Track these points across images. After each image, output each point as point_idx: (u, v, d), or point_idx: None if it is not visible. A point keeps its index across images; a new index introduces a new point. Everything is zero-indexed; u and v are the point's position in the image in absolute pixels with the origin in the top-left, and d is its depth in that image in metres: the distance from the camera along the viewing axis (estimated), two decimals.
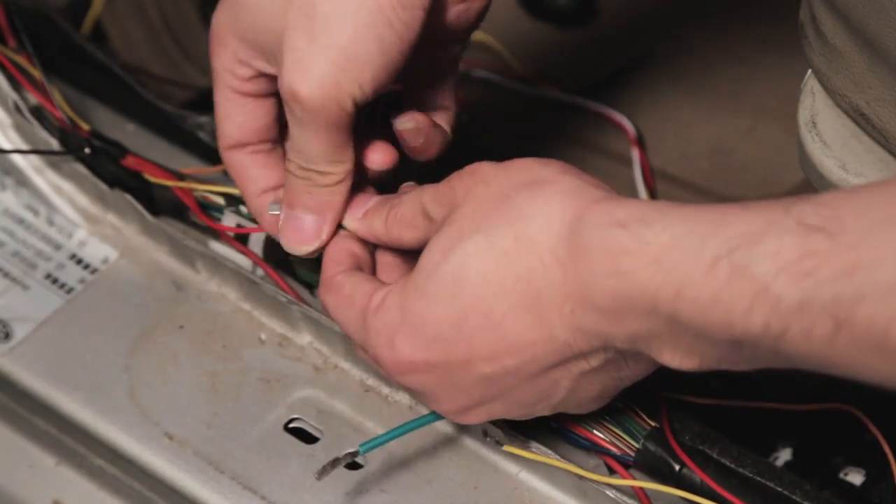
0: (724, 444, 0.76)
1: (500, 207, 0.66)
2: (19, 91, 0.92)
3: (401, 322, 0.68)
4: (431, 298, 0.66)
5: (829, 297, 0.55)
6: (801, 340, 0.56)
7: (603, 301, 0.62)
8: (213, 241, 0.88)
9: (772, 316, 0.56)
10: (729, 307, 0.57)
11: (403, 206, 0.72)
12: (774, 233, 0.56)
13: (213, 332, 0.86)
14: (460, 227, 0.66)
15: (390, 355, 0.68)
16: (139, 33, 1.07)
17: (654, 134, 1.03)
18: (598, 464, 0.77)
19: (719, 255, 0.58)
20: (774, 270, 0.56)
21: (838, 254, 0.55)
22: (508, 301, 0.64)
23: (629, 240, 0.60)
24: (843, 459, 0.81)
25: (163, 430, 0.81)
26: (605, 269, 0.61)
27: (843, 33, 0.69)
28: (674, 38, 1.09)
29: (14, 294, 0.88)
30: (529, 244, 0.64)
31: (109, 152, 0.89)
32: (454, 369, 0.67)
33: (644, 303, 0.60)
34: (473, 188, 0.68)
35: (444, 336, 0.66)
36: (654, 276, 0.59)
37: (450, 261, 0.66)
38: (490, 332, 0.65)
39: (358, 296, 0.71)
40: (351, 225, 0.74)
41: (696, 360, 0.62)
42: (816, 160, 0.74)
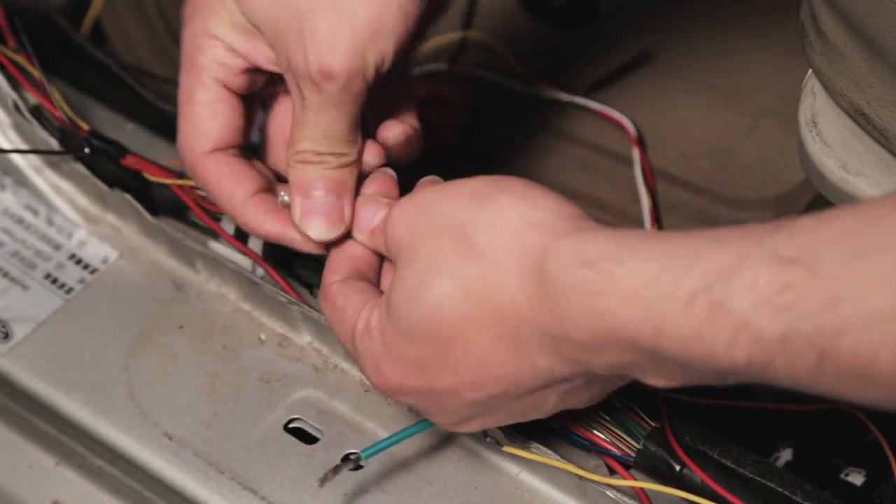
0: (725, 444, 0.76)
1: (457, 247, 0.64)
2: (19, 91, 0.92)
3: (383, 352, 0.68)
4: (409, 338, 0.66)
5: (811, 329, 0.54)
6: (785, 371, 0.56)
7: (582, 338, 0.61)
8: (213, 241, 0.88)
9: (754, 349, 0.56)
10: (711, 342, 0.57)
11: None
12: (749, 265, 0.56)
13: (213, 333, 0.85)
14: (417, 270, 0.65)
15: (377, 380, 0.69)
16: (139, 33, 1.07)
17: (654, 133, 1.03)
18: (599, 464, 0.77)
19: (695, 291, 0.57)
20: (753, 305, 0.55)
21: (818, 286, 0.54)
22: (486, 336, 0.64)
23: (600, 280, 0.59)
24: (843, 460, 0.81)
25: (162, 430, 0.81)
26: (581, 311, 0.60)
27: (844, 33, 0.69)
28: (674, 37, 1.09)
29: (14, 294, 0.88)
30: (498, 287, 0.63)
31: (109, 152, 0.89)
32: (442, 395, 0.67)
33: (624, 338, 0.59)
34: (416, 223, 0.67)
35: (428, 367, 0.66)
36: (632, 314, 0.59)
37: (418, 307, 0.65)
38: (472, 365, 0.65)
39: (348, 311, 0.70)
40: (364, 241, 0.74)
41: (679, 382, 0.62)
42: (817, 160, 0.74)
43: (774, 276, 0.55)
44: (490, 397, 0.66)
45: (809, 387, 0.56)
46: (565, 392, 0.66)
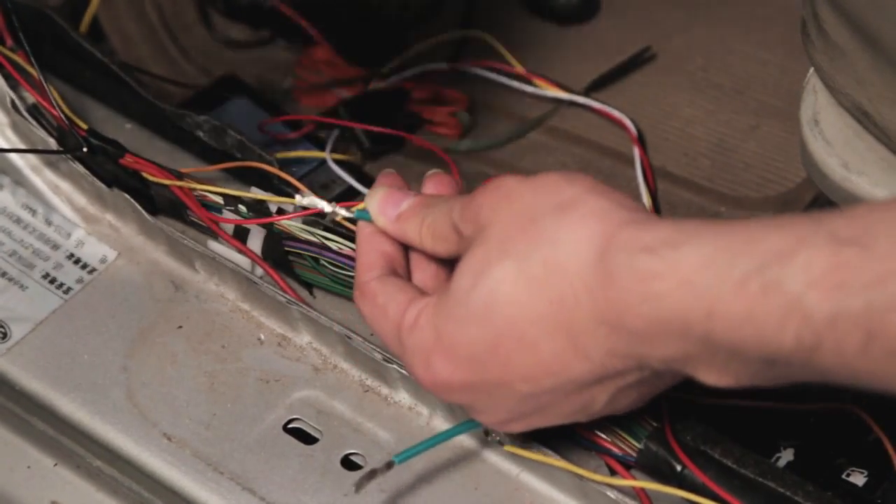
0: (726, 444, 0.75)
1: (527, 231, 0.65)
2: (17, 90, 0.92)
3: (435, 343, 0.68)
4: (464, 322, 0.66)
5: (860, 308, 0.55)
6: (833, 353, 0.56)
7: (636, 325, 0.62)
8: (212, 241, 0.88)
9: (804, 330, 0.56)
10: (761, 324, 0.57)
11: (436, 219, 0.72)
12: (805, 248, 0.56)
13: (212, 333, 0.85)
14: (487, 250, 0.66)
15: (427, 375, 0.69)
16: (137, 32, 1.07)
17: (655, 132, 1.03)
18: (600, 464, 0.77)
19: (749, 273, 0.57)
20: (805, 285, 0.56)
21: (869, 265, 0.55)
22: (541, 326, 0.64)
23: (658, 264, 0.60)
24: (845, 460, 0.81)
25: (161, 430, 0.81)
26: (637, 295, 0.61)
27: (845, 31, 0.69)
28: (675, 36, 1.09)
29: (12, 294, 0.88)
30: (558, 271, 0.63)
31: (107, 151, 0.89)
32: (492, 389, 0.67)
33: (677, 325, 0.60)
34: (498, 206, 0.67)
35: (480, 358, 0.67)
36: (685, 298, 0.59)
37: (480, 287, 0.66)
38: (525, 355, 0.65)
39: (392, 308, 0.71)
40: (385, 226, 0.74)
41: (732, 379, 0.62)
42: (818, 158, 0.74)
43: (829, 256, 0.56)
44: (541, 392, 0.66)
45: (855, 372, 0.56)
46: (616, 391, 0.67)
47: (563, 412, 0.69)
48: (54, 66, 0.94)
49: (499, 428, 0.72)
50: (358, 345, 0.81)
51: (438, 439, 0.75)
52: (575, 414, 0.69)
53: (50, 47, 0.95)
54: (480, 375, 0.67)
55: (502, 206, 0.67)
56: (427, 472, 0.78)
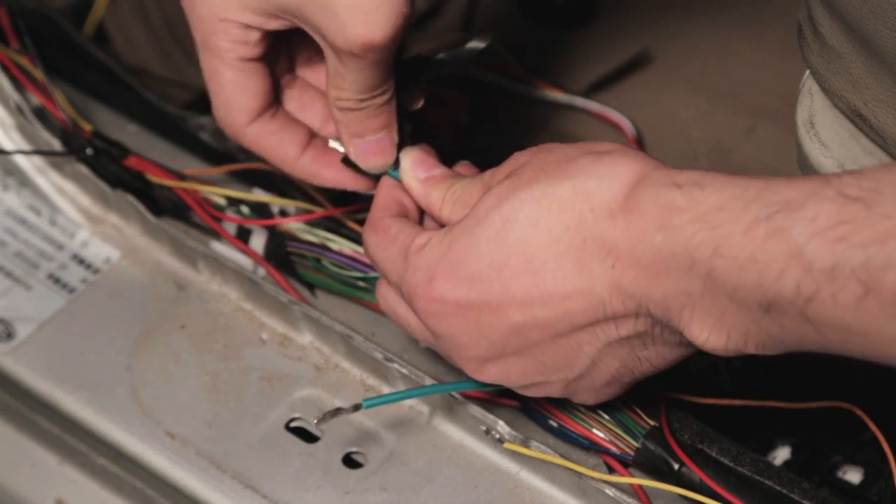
0: (723, 442, 0.76)
1: (562, 165, 0.67)
2: (22, 92, 0.92)
3: (440, 259, 0.69)
4: (477, 237, 0.67)
5: (859, 261, 0.56)
6: (828, 304, 0.58)
7: (645, 256, 0.63)
8: (215, 242, 0.88)
9: (803, 278, 0.58)
10: (763, 267, 0.59)
11: (465, 187, 0.73)
12: (814, 201, 0.58)
13: (215, 332, 0.86)
14: (520, 177, 0.68)
15: (425, 292, 0.69)
16: (141, 35, 1.07)
17: (653, 134, 1.03)
18: (598, 462, 0.77)
19: (759, 218, 0.59)
20: (809, 234, 0.58)
21: (873, 222, 0.56)
22: (553, 249, 0.65)
23: (682, 198, 0.62)
24: (841, 458, 0.82)
25: (164, 429, 0.81)
26: (654, 224, 0.63)
27: (841, 34, 0.69)
28: (673, 38, 1.09)
29: (16, 294, 0.89)
30: (586, 195, 0.65)
31: (111, 153, 0.89)
32: (484, 312, 0.68)
33: (684, 259, 0.62)
34: (536, 155, 0.69)
35: (482, 275, 0.67)
36: (697, 233, 0.61)
37: (503, 205, 0.67)
38: (528, 278, 0.66)
39: (402, 236, 0.72)
40: (411, 184, 0.75)
41: (724, 336, 0.63)
42: (814, 160, 0.74)
43: (836, 210, 0.57)
44: (532, 324, 0.67)
45: (848, 326, 0.58)
46: (604, 347, 0.67)
47: (544, 361, 0.69)
48: (59, 69, 0.94)
49: (474, 371, 0.71)
50: (359, 344, 0.81)
51: (413, 393, 0.76)
52: (554, 370, 0.69)
53: (55, 50, 0.95)
54: (478, 295, 0.68)
55: (540, 154, 0.69)
56: (427, 469, 0.79)
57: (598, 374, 0.69)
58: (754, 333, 0.62)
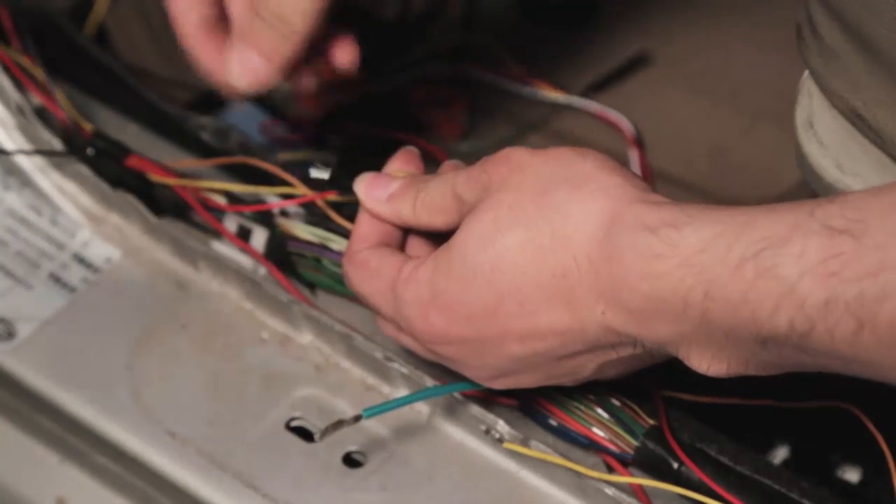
0: (723, 442, 0.76)
1: (538, 202, 0.66)
2: (23, 92, 0.92)
3: (432, 298, 0.69)
4: (466, 283, 0.67)
5: (853, 296, 0.56)
6: (825, 339, 0.57)
7: (634, 303, 0.63)
8: (215, 241, 0.88)
9: (797, 315, 0.58)
10: (756, 306, 0.59)
11: (432, 191, 0.72)
12: (800, 235, 0.58)
13: (215, 332, 0.86)
14: (497, 216, 0.67)
15: (424, 327, 0.70)
16: (142, 35, 1.07)
17: (652, 134, 1.03)
18: (598, 461, 0.77)
19: (745, 257, 0.59)
20: (799, 271, 0.57)
21: (863, 255, 0.56)
22: (542, 294, 0.66)
23: (659, 244, 0.62)
24: (840, 457, 0.82)
25: (165, 428, 0.81)
26: (637, 273, 0.62)
27: (840, 35, 0.69)
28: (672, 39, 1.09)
29: (17, 293, 0.89)
30: (565, 243, 0.65)
31: (112, 153, 0.89)
32: (485, 346, 0.69)
33: (675, 304, 0.61)
34: (509, 176, 0.68)
35: (477, 317, 0.68)
36: (685, 279, 0.61)
37: (488, 251, 0.67)
38: (523, 320, 0.67)
39: (385, 269, 0.72)
40: (376, 208, 0.75)
41: (724, 365, 0.63)
42: (813, 160, 0.74)
43: (823, 244, 0.57)
44: (533, 354, 0.68)
45: (846, 358, 0.58)
46: (606, 362, 0.68)
47: (551, 374, 0.70)
48: (60, 69, 0.94)
49: (484, 383, 0.72)
50: (359, 344, 0.81)
51: (411, 399, 0.76)
52: (562, 377, 0.70)
53: (56, 50, 0.95)
54: (476, 331, 0.68)
55: (513, 177, 0.68)
56: (427, 469, 0.79)
57: (605, 374, 0.70)
58: (754, 362, 0.62)
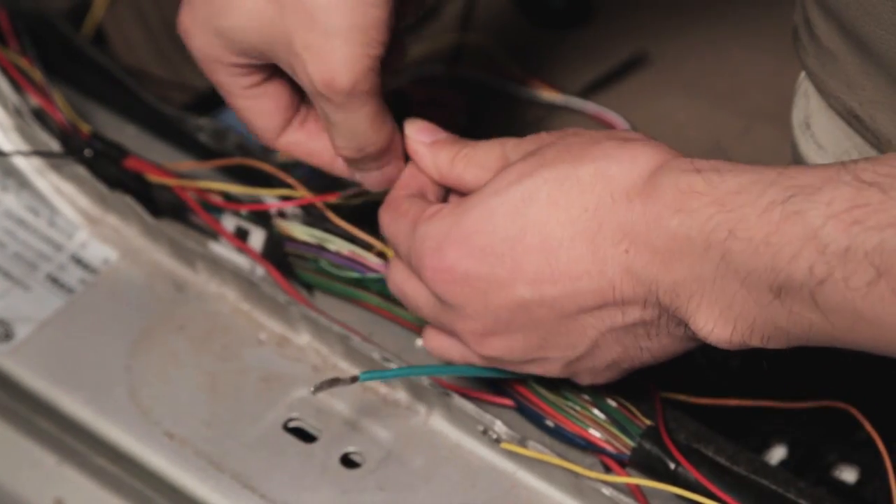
0: (719, 442, 0.76)
1: (587, 148, 0.67)
2: (21, 93, 0.92)
3: (452, 227, 0.69)
4: (493, 210, 0.68)
5: (873, 245, 0.57)
6: (840, 288, 0.58)
7: (660, 240, 0.63)
8: (213, 243, 0.88)
9: (817, 260, 0.58)
10: (777, 250, 0.59)
11: (479, 147, 0.73)
12: (831, 185, 0.59)
13: (213, 333, 0.86)
14: (543, 156, 0.68)
15: (433, 260, 0.69)
16: (140, 36, 1.07)
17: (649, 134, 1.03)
18: (595, 462, 0.77)
19: (775, 201, 0.60)
20: (824, 217, 0.58)
21: (888, 206, 0.57)
22: (569, 230, 0.66)
23: (701, 182, 0.63)
24: (836, 457, 0.82)
25: (163, 429, 0.82)
26: (671, 207, 0.63)
27: (836, 36, 0.69)
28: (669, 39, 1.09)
29: (15, 295, 0.89)
30: (606, 180, 0.66)
31: (110, 154, 0.89)
32: (492, 286, 0.68)
33: (699, 243, 0.62)
34: (563, 137, 0.70)
35: (494, 249, 0.67)
36: (714, 216, 0.62)
37: (524, 182, 0.67)
38: (541, 256, 0.66)
39: (413, 209, 0.72)
40: (417, 148, 0.75)
41: (730, 327, 0.63)
42: (810, 162, 0.75)
43: (851, 194, 0.58)
44: (540, 301, 0.67)
45: (857, 313, 0.58)
46: (607, 331, 0.67)
47: (548, 339, 0.69)
48: (58, 71, 0.94)
49: (476, 343, 0.71)
50: (357, 345, 0.81)
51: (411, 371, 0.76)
52: (556, 349, 0.69)
53: (54, 51, 0.95)
54: (488, 268, 0.68)
55: (567, 136, 0.70)
56: (424, 469, 0.79)
57: (599, 356, 0.69)
58: (760, 323, 0.62)
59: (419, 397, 0.81)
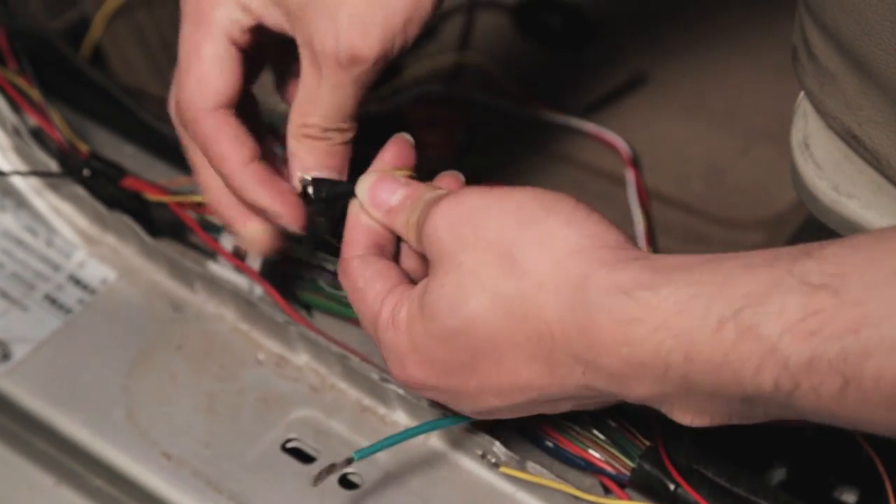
0: (719, 463, 0.76)
1: (503, 266, 0.64)
2: (19, 113, 0.92)
3: (411, 350, 0.68)
4: (442, 342, 0.66)
5: (836, 353, 0.55)
6: (811, 397, 0.57)
7: (614, 367, 0.62)
8: (211, 263, 0.88)
9: (781, 374, 0.57)
10: (739, 368, 0.58)
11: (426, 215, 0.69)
12: (778, 293, 0.57)
13: (211, 353, 0.86)
14: (459, 281, 0.65)
15: (401, 375, 0.69)
16: (138, 56, 1.08)
17: (648, 155, 1.03)
18: (594, 483, 0.77)
19: (725, 317, 0.58)
20: (780, 330, 0.56)
21: (843, 311, 0.55)
22: (520, 353, 0.64)
23: (635, 307, 0.60)
24: (837, 478, 0.82)
25: (161, 450, 0.81)
26: (615, 339, 0.61)
27: (835, 56, 0.69)
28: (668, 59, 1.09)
29: (13, 315, 0.89)
30: (537, 311, 0.63)
31: (108, 174, 0.89)
32: (462, 395, 0.68)
33: (656, 367, 0.60)
34: (462, 232, 0.66)
35: (455, 372, 0.67)
36: (664, 341, 0.60)
37: (457, 316, 0.65)
38: (501, 377, 0.66)
39: (370, 296, 0.70)
40: (374, 214, 0.72)
41: (707, 419, 0.63)
42: (809, 181, 0.75)
43: (803, 302, 0.56)
44: (512, 406, 0.67)
45: (834, 415, 0.57)
46: (587, 404, 0.68)
47: (529, 411, 0.69)
48: (56, 90, 0.94)
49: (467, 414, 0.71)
50: (355, 365, 0.81)
51: (399, 437, 0.75)
52: (539, 411, 0.69)
53: (52, 71, 0.95)
54: (455, 385, 0.67)
55: (466, 232, 0.66)
56: (423, 490, 0.79)
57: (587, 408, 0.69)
58: (738, 415, 0.62)
59: (418, 419, 0.81)
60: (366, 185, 0.73)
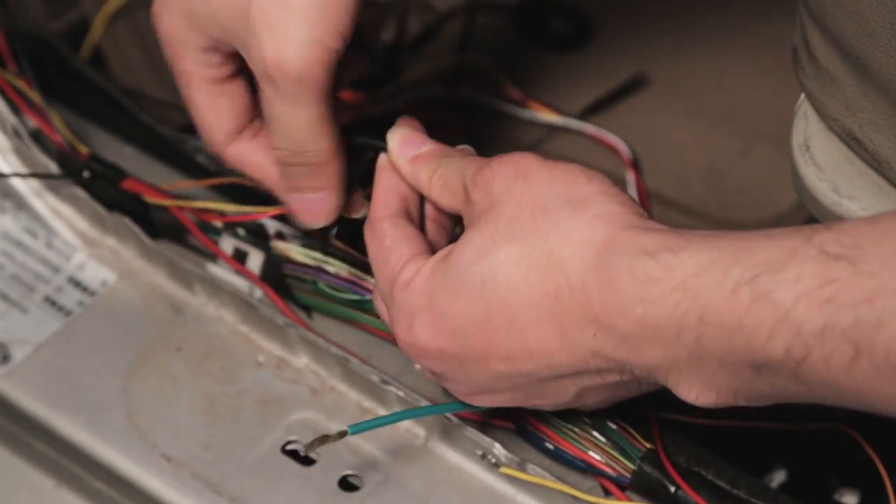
0: (720, 465, 0.76)
1: (538, 219, 0.66)
2: (19, 115, 0.92)
3: (423, 307, 0.68)
4: (458, 293, 0.67)
5: (849, 323, 0.56)
6: (821, 366, 0.57)
7: (627, 328, 0.62)
8: (211, 265, 0.88)
9: (793, 341, 0.57)
10: (751, 332, 0.58)
11: (450, 171, 0.73)
12: (796, 261, 0.57)
13: (211, 355, 0.86)
14: (496, 229, 0.67)
15: (406, 337, 0.69)
16: (138, 58, 1.07)
17: (648, 157, 1.03)
18: (594, 485, 0.77)
19: (741, 282, 0.59)
20: (795, 297, 0.57)
21: (859, 281, 0.56)
22: (533, 312, 0.65)
23: (656, 267, 0.61)
24: (838, 480, 0.82)
25: (161, 452, 0.81)
26: (632, 297, 0.62)
27: (836, 58, 0.69)
28: (669, 61, 1.09)
29: (13, 317, 0.89)
30: (560, 264, 0.65)
31: (108, 176, 0.89)
32: (467, 361, 0.68)
33: (669, 329, 0.61)
34: (513, 184, 0.68)
35: (464, 331, 0.67)
36: (680, 303, 0.60)
37: (482, 262, 0.66)
38: (510, 337, 0.66)
39: (394, 256, 0.71)
40: (399, 162, 0.74)
41: (714, 395, 0.63)
42: (810, 183, 0.75)
43: (819, 270, 0.57)
44: (517, 373, 0.67)
45: (841, 387, 0.57)
46: (591, 386, 0.68)
47: (530, 396, 0.69)
48: (56, 92, 0.94)
49: (464, 398, 0.72)
50: (355, 367, 0.81)
51: (396, 417, 0.76)
52: (541, 399, 0.70)
53: (52, 73, 0.96)
54: (460, 348, 0.68)
55: (517, 185, 0.68)
56: (423, 492, 0.79)
57: (587, 401, 0.70)
58: (745, 391, 0.62)
59: (418, 420, 0.81)
60: (397, 134, 0.75)
